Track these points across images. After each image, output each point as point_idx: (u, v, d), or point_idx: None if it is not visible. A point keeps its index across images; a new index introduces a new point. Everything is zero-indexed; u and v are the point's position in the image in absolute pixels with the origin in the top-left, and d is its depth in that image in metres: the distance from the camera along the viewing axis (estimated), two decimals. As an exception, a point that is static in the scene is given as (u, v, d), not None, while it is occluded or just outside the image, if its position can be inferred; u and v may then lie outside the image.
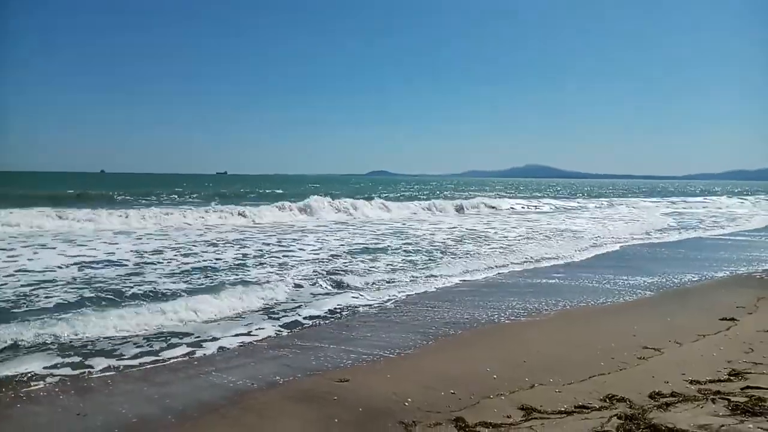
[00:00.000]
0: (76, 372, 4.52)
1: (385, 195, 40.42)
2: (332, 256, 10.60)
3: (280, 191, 43.05)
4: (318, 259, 10.20)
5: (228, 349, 5.27)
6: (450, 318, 6.49)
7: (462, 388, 4.18)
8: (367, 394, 4.08)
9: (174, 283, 7.79)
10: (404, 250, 11.60)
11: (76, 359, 4.77)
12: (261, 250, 11.20)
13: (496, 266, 9.86)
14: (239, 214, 18.83)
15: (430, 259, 10.38)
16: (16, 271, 8.33)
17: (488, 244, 12.83)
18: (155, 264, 9.27)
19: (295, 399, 4.04)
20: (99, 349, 5.07)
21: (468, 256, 10.83)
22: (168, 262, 9.46)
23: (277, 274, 8.56)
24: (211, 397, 4.09)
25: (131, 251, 10.63)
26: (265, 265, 9.38)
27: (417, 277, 8.68)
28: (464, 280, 8.74)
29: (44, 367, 4.54)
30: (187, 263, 9.45)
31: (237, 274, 8.54)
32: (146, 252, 10.59)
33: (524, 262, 10.46)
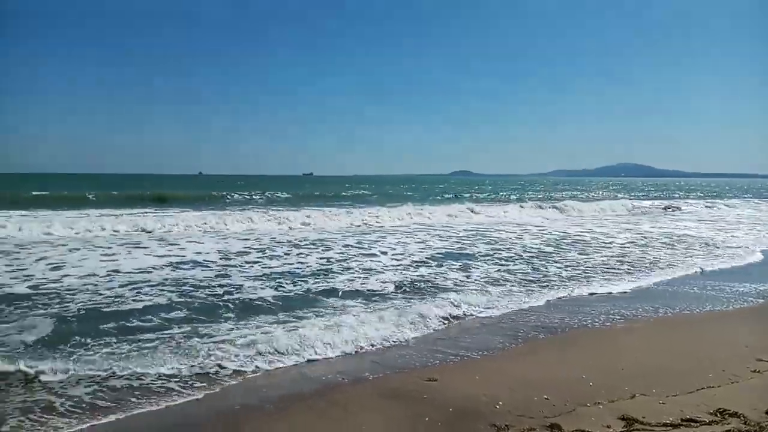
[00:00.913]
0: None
1: (478, 196, 39.94)
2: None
3: (368, 192, 43.92)
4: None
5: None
6: (539, 321, 6.36)
7: (556, 393, 4.13)
8: (456, 394, 4.15)
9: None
10: (493, 251, 11.40)
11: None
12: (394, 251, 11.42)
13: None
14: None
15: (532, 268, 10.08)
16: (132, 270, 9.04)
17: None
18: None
19: (383, 395, 4.20)
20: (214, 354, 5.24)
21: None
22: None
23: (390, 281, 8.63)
24: (300, 389, 4.35)
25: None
26: (352, 271, 9.52)
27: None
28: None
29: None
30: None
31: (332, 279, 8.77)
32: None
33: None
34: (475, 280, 8.66)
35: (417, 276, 8.85)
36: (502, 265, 10.09)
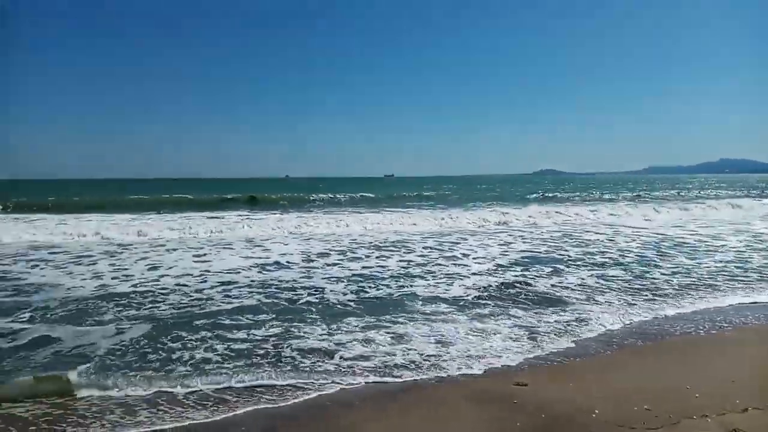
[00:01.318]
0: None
1: (565, 195, 38.23)
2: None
3: (448, 193, 43.55)
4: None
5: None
6: (636, 327, 5.95)
7: (657, 404, 3.92)
8: (548, 400, 4.06)
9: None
10: (585, 255, 10.91)
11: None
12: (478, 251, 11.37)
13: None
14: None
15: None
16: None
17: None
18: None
19: (471, 398, 4.18)
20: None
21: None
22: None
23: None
24: (391, 389, 4.42)
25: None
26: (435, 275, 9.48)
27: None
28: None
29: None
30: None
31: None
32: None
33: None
34: (568, 286, 8.24)
35: (503, 282, 8.60)
36: (596, 270, 9.58)
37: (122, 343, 5.60)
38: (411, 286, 8.34)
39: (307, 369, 4.88)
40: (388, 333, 5.86)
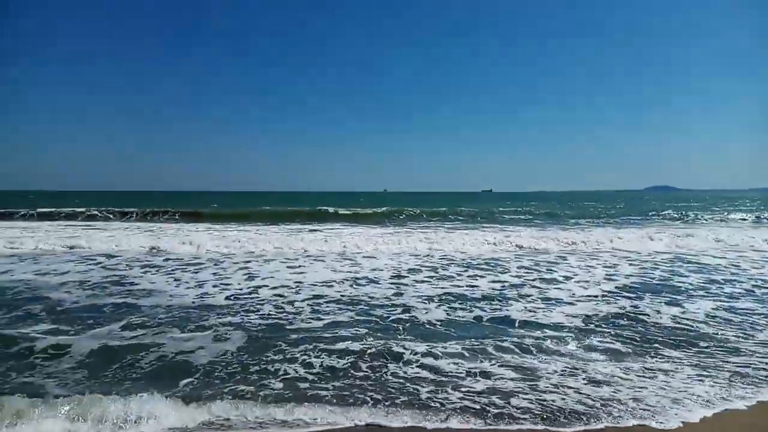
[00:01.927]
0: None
1: (676, 214, 34.80)
2: None
3: (545, 211, 41.21)
4: None
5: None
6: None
7: None
8: None
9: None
10: (706, 282, 9.80)
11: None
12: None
13: None
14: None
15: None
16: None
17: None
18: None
19: None
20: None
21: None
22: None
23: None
24: None
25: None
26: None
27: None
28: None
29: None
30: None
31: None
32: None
33: None
34: (694, 321, 7.26)
35: (613, 311, 7.85)
36: (723, 301, 8.45)
37: (221, 356, 5.77)
38: (507, 309, 7.91)
39: (425, 404, 4.45)
40: (500, 364, 5.45)
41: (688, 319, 7.30)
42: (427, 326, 6.96)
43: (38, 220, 27.55)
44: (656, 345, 6.14)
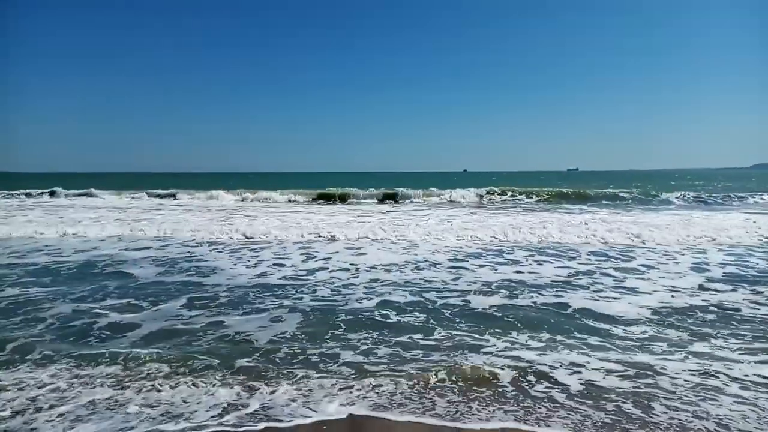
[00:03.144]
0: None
1: None
2: None
3: (630, 193, 37.09)
4: None
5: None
6: None
7: None
8: None
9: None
10: None
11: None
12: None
13: None
14: None
15: None
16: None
17: None
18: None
19: None
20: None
21: None
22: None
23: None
24: None
25: None
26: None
27: None
28: None
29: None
30: None
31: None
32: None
33: None
34: None
35: (699, 303, 7.05)
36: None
37: (282, 334, 5.84)
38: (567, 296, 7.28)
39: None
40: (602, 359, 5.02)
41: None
42: (486, 312, 6.59)
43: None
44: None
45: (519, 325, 6.18)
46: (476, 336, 5.78)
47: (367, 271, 9.30)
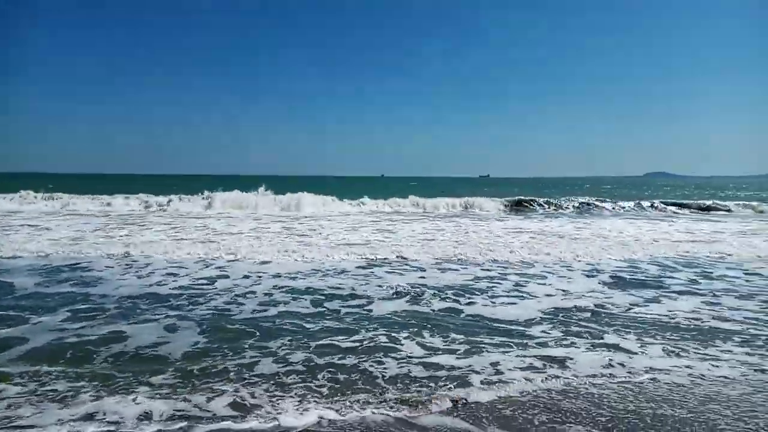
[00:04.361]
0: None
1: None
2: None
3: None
4: None
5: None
6: None
7: None
8: None
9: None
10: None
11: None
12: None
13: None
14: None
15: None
16: None
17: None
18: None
19: None
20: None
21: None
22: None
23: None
24: None
25: None
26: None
27: None
28: None
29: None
30: None
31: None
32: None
33: None
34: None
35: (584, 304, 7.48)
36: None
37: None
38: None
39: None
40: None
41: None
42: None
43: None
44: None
45: (429, 326, 6.27)
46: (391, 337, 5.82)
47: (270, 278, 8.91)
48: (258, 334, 5.97)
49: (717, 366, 5.08)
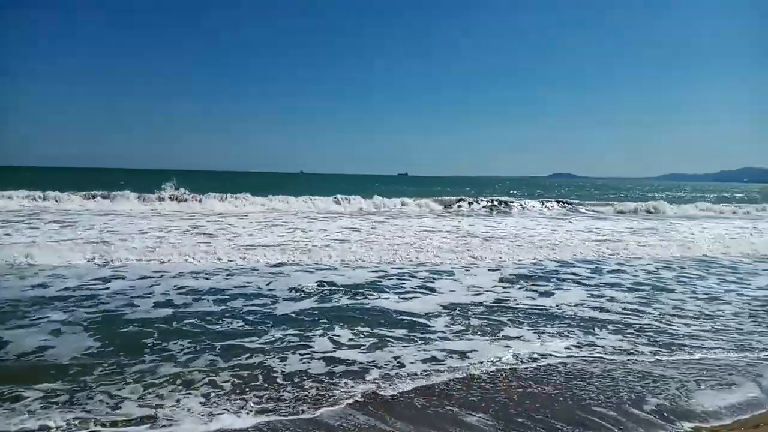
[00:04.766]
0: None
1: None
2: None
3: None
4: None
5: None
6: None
7: None
8: None
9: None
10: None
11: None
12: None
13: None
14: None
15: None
16: None
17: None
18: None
19: None
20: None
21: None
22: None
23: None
24: None
25: None
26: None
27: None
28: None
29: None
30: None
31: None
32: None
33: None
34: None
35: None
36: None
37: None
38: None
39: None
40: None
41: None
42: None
43: None
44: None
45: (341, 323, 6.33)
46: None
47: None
48: (156, 335, 5.72)
49: (596, 349, 5.67)
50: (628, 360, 5.38)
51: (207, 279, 8.59)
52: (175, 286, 8.00)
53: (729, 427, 3.81)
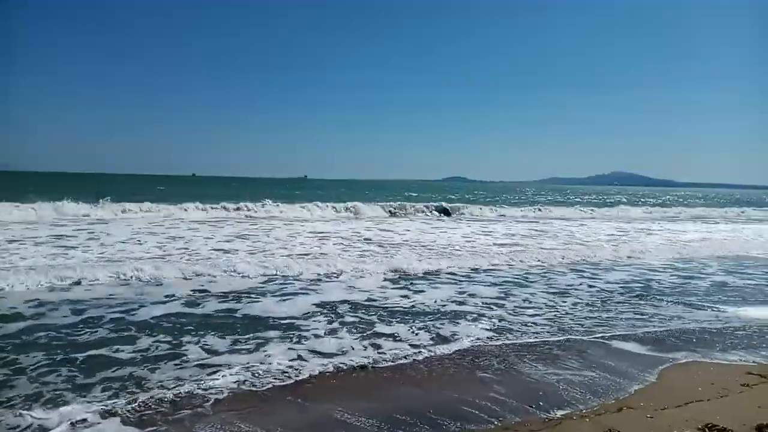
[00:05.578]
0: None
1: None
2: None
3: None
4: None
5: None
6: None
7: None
8: None
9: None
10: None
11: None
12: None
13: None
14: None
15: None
16: None
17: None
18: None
19: None
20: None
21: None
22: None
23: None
24: None
25: None
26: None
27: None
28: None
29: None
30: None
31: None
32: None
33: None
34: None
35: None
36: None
37: None
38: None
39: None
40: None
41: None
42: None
43: None
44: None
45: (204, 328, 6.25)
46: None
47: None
48: (9, 349, 5.33)
49: (453, 340, 6.13)
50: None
51: (66, 291, 7.92)
52: (25, 300, 7.28)
53: (596, 412, 4.08)
